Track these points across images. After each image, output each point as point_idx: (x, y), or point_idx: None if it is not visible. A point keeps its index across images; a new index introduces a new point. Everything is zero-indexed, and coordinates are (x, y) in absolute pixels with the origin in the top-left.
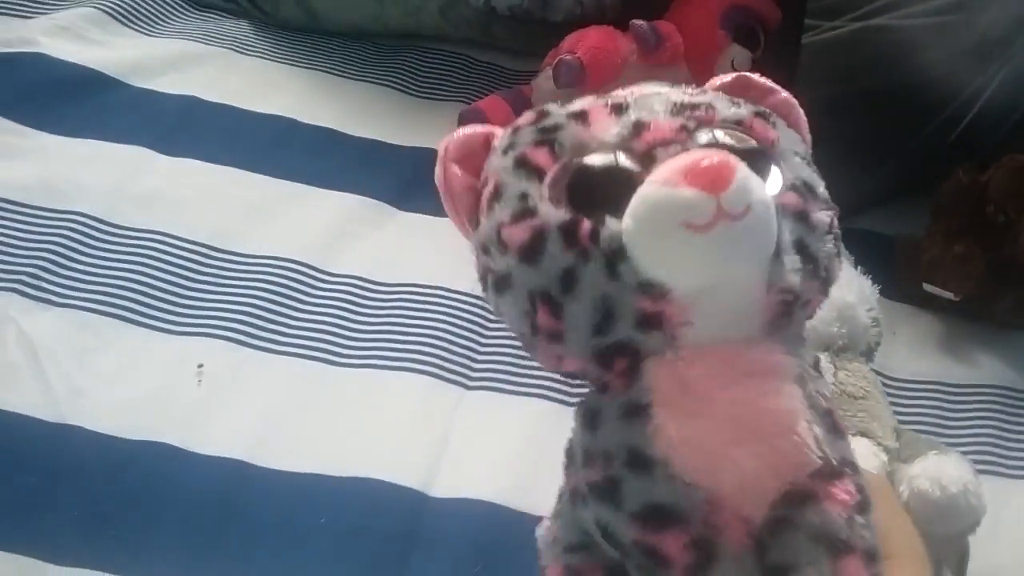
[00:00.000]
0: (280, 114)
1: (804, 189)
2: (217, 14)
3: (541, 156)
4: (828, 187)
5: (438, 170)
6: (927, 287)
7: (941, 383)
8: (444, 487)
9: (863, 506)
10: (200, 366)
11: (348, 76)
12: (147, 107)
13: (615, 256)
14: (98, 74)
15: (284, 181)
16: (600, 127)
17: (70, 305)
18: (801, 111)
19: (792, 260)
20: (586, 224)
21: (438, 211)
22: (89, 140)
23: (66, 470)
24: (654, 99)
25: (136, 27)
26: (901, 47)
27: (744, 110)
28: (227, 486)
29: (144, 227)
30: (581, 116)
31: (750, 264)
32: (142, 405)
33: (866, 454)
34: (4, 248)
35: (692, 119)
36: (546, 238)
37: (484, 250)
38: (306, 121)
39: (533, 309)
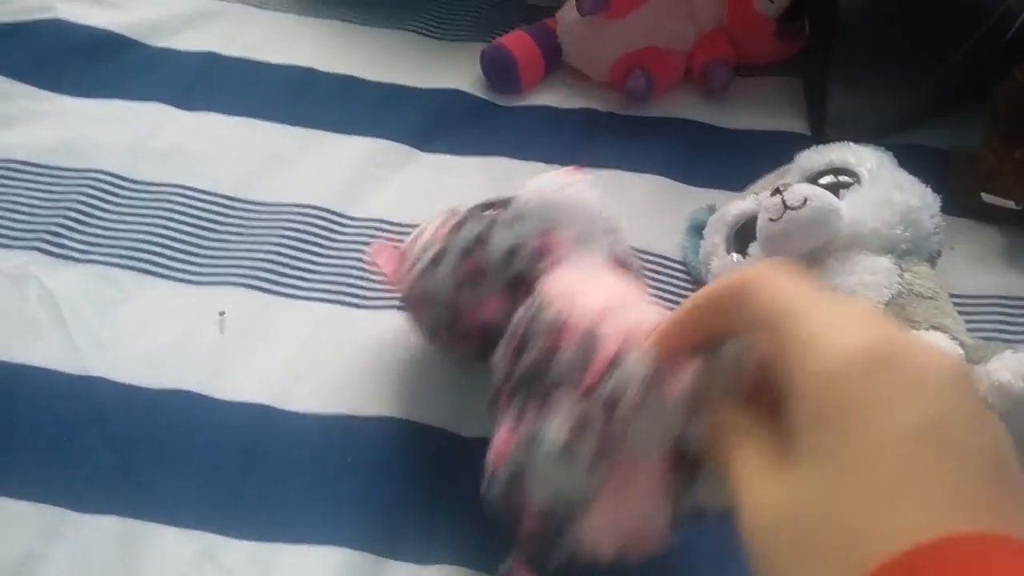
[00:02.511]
0: (299, 64)
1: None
2: None
3: (447, 215)
4: (878, 102)
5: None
6: (986, 197)
7: (1004, 297)
8: (475, 427)
9: None
10: (222, 313)
11: (368, 24)
12: (165, 65)
13: (515, 219)
14: (116, 36)
15: (304, 129)
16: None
17: (91, 260)
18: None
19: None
20: (490, 210)
21: (462, 151)
22: (108, 100)
23: (89, 420)
24: None
25: None
26: None
27: None
28: (252, 431)
29: (164, 181)
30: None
31: (588, 210)
32: (165, 355)
33: (943, 347)
34: (25, 208)
35: None
36: (466, 218)
37: (416, 259)
38: (325, 70)
39: (460, 262)
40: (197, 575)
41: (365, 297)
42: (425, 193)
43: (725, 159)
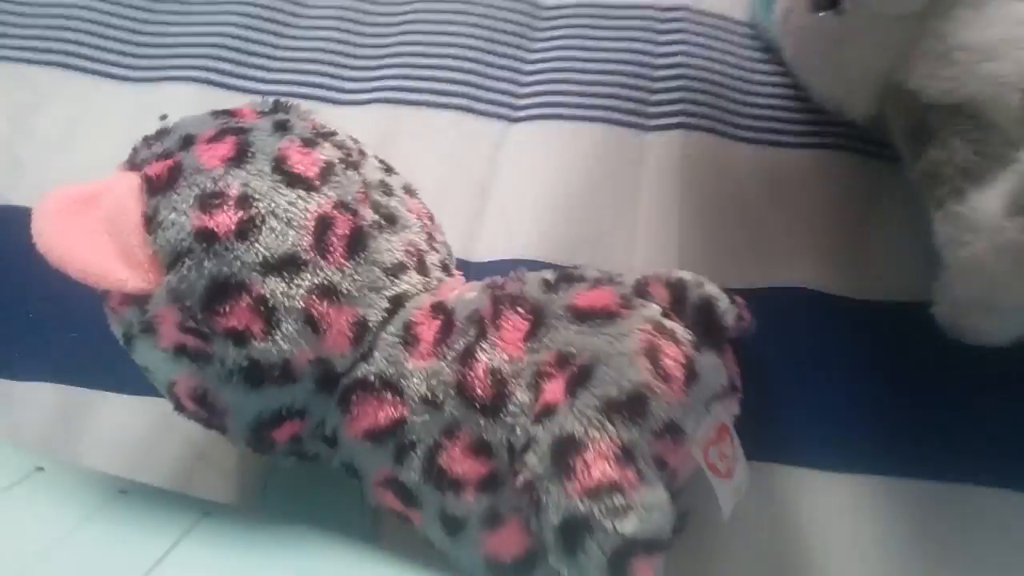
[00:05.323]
0: None
1: None
2: None
3: None
4: None
5: None
6: None
7: None
8: (484, 249)
9: None
10: (163, 117)
11: None
12: None
13: None
14: None
15: None
16: None
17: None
18: None
19: None
20: None
21: None
22: None
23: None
24: None
25: None
26: None
27: None
28: None
29: None
30: None
31: None
32: (95, 176)
33: None
34: None
35: None
36: None
37: None
38: None
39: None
40: None
41: (343, 90)
42: None
43: None
